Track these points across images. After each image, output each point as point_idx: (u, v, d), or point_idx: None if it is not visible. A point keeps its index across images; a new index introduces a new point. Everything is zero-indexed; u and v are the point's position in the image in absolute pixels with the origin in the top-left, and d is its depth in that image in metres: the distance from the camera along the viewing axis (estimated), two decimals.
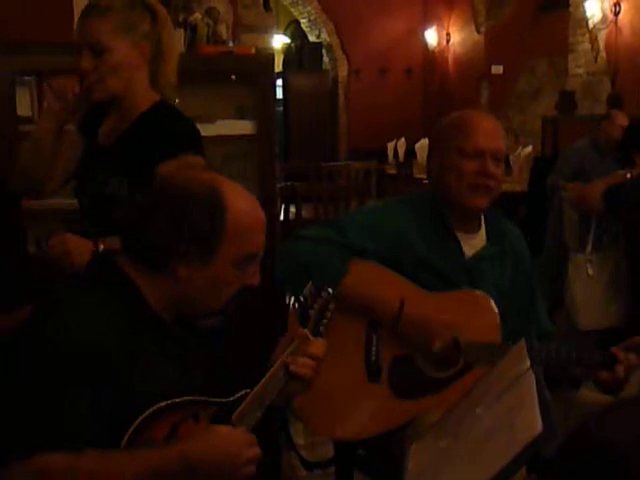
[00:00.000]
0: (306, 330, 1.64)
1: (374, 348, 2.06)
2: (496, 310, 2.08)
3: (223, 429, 1.46)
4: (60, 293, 1.54)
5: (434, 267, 2.10)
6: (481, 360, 1.98)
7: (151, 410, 1.42)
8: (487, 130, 2.12)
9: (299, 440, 2.14)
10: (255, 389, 1.54)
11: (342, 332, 2.02)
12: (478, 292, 2.10)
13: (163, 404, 1.44)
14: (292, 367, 1.59)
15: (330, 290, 1.71)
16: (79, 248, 2.13)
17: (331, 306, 1.70)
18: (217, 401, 1.53)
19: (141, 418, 1.41)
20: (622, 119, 5.63)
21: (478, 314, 2.07)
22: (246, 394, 1.54)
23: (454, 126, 2.15)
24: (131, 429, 1.41)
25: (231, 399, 1.54)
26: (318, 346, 1.64)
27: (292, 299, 1.70)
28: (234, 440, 1.45)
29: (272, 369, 1.58)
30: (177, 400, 1.46)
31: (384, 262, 2.07)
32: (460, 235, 2.16)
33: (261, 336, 2.22)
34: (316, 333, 1.65)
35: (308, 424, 2.08)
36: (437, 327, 2.01)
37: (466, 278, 2.13)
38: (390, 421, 2.03)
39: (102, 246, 2.13)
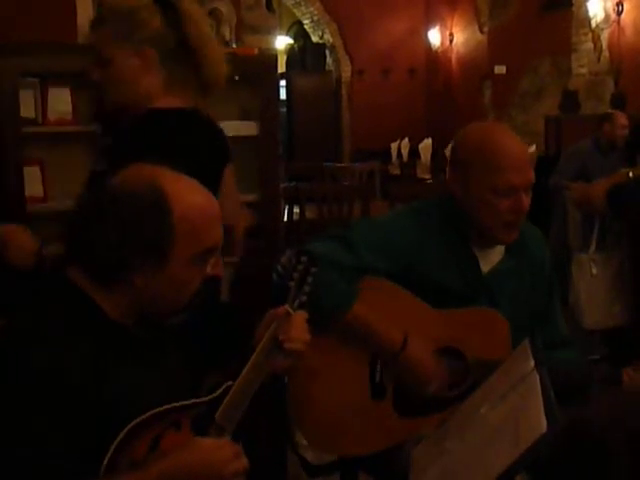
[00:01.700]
0: (286, 306, 1.56)
1: (379, 367, 2.02)
2: (507, 328, 2.04)
3: (206, 442, 1.41)
4: (14, 321, 1.44)
5: (450, 285, 2.04)
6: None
7: (128, 428, 1.35)
8: (519, 162, 2.00)
9: (302, 441, 2.13)
10: (238, 380, 1.48)
11: (347, 350, 2.00)
12: (490, 309, 2.06)
13: (139, 419, 1.36)
14: (286, 345, 1.54)
15: (312, 253, 1.61)
16: (21, 246, 2.16)
17: (313, 270, 1.59)
18: (197, 402, 1.47)
19: (118, 439, 1.34)
20: (623, 119, 5.67)
21: (489, 332, 2.04)
22: (229, 387, 1.48)
23: (483, 159, 2.00)
24: (110, 451, 1.34)
25: (212, 396, 1.48)
26: (300, 319, 1.58)
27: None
28: (218, 454, 1.40)
29: (254, 355, 1.51)
30: (154, 411, 1.38)
31: (396, 279, 2.01)
32: (477, 250, 2.09)
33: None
34: (297, 305, 1.57)
35: (311, 441, 2.04)
36: (430, 375, 1.98)
37: (484, 294, 2.08)
38: (393, 438, 2.01)
39: (44, 251, 2.14)
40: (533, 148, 8.40)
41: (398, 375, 2.01)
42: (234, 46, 4.18)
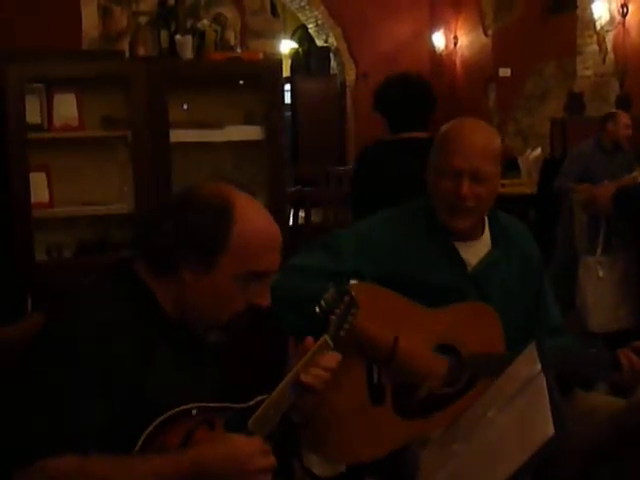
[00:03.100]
0: (326, 336, 1.62)
1: (376, 370, 2.01)
2: (498, 320, 2.04)
3: (238, 437, 1.46)
4: (78, 297, 1.54)
5: (437, 282, 2.05)
6: (486, 372, 1.95)
7: (166, 415, 1.42)
8: (467, 148, 2.02)
9: (309, 455, 2.12)
10: (271, 395, 1.53)
11: (343, 356, 2.00)
12: (479, 303, 2.07)
13: (178, 410, 1.43)
14: (303, 377, 1.57)
15: (353, 294, 1.69)
16: None
17: (353, 311, 1.68)
18: (233, 407, 1.53)
19: (156, 423, 1.41)
20: (626, 118, 5.73)
21: (480, 325, 2.04)
22: (261, 401, 1.53)
23: (438, 142, 2.08)
24: (145, 434, 1.41)
25: (247, 405, 1.53)
26: (332, 359, 1.63)
27: (316, 308, 1.67)
28: (248, 449, 1.44)
29: (288, 375, 1.56)
30: (192, 405, 1.46)
31: (383, 282, 2.02)
32: (460, 244, 2.09)
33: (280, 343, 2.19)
34: (336, 338, 1.64)
35: (317, 451, 2.04)
36: (428, 368, 1.98)
37: (473, 288, 2.09)
38: (397, 441, 1.99)
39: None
40: (539, 151, 8.40)
41: (396, 377, 2.00)
42: (239, 51, 4.18)
